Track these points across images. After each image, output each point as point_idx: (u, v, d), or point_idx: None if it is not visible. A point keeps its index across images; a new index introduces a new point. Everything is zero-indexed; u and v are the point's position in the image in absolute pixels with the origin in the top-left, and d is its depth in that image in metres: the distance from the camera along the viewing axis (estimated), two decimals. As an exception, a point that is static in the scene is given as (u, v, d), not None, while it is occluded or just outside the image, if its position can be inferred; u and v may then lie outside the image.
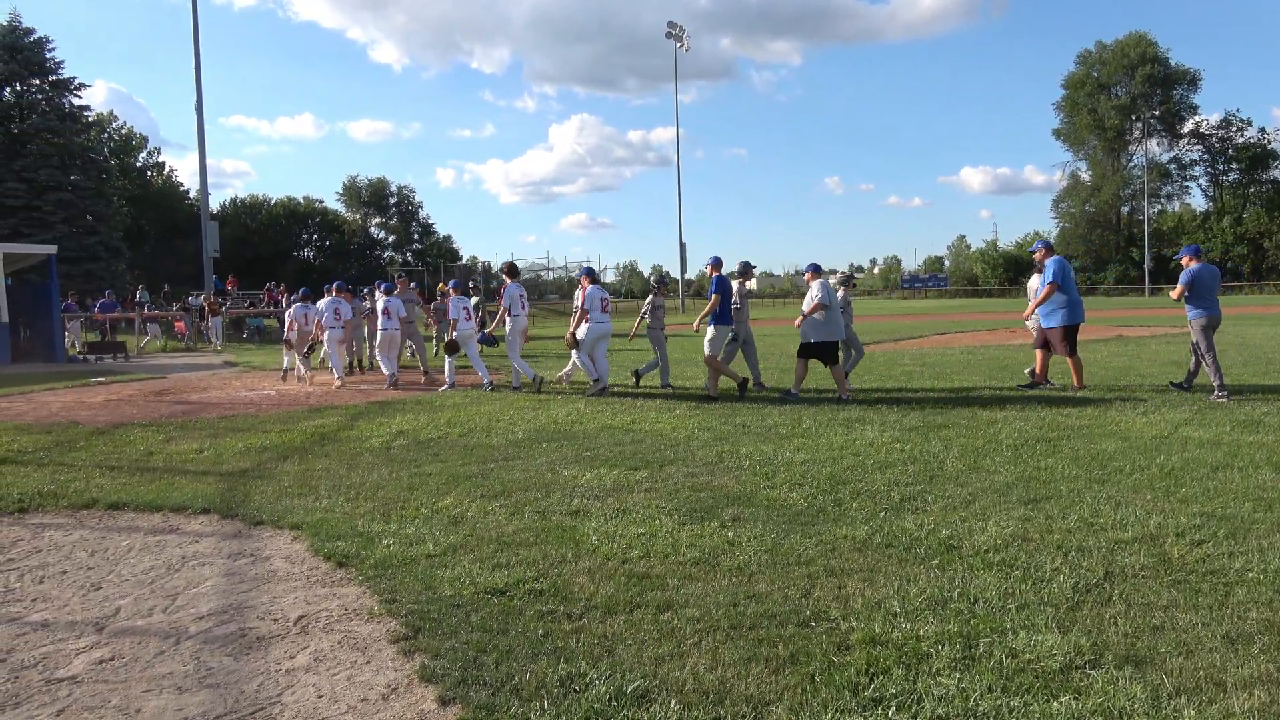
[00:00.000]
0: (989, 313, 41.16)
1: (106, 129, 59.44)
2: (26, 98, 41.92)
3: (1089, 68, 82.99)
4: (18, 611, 4.23)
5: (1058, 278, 10.40)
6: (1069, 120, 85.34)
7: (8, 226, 37.98)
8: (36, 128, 40.63)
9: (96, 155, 46.75)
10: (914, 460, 6.89)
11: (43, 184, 39.87)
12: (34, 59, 41.71)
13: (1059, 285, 10.42)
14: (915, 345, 20.96)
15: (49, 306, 22.62)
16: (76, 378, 16.60)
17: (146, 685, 3.36)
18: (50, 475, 7.21)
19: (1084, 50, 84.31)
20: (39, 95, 42.34)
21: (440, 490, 6.29)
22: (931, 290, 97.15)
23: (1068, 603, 3.82)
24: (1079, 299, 10.76)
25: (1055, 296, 10.47)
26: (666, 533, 5.04)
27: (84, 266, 39.85)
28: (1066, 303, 10.45)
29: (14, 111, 41.20)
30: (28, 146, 40.20)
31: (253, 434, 9.06)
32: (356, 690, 3.25)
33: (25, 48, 41.41)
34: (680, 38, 66.14)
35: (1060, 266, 10.49)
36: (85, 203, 41.76)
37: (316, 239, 75.23)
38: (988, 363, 15.01)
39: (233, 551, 5.10)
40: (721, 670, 3.25)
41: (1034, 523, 5.06)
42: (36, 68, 41.95)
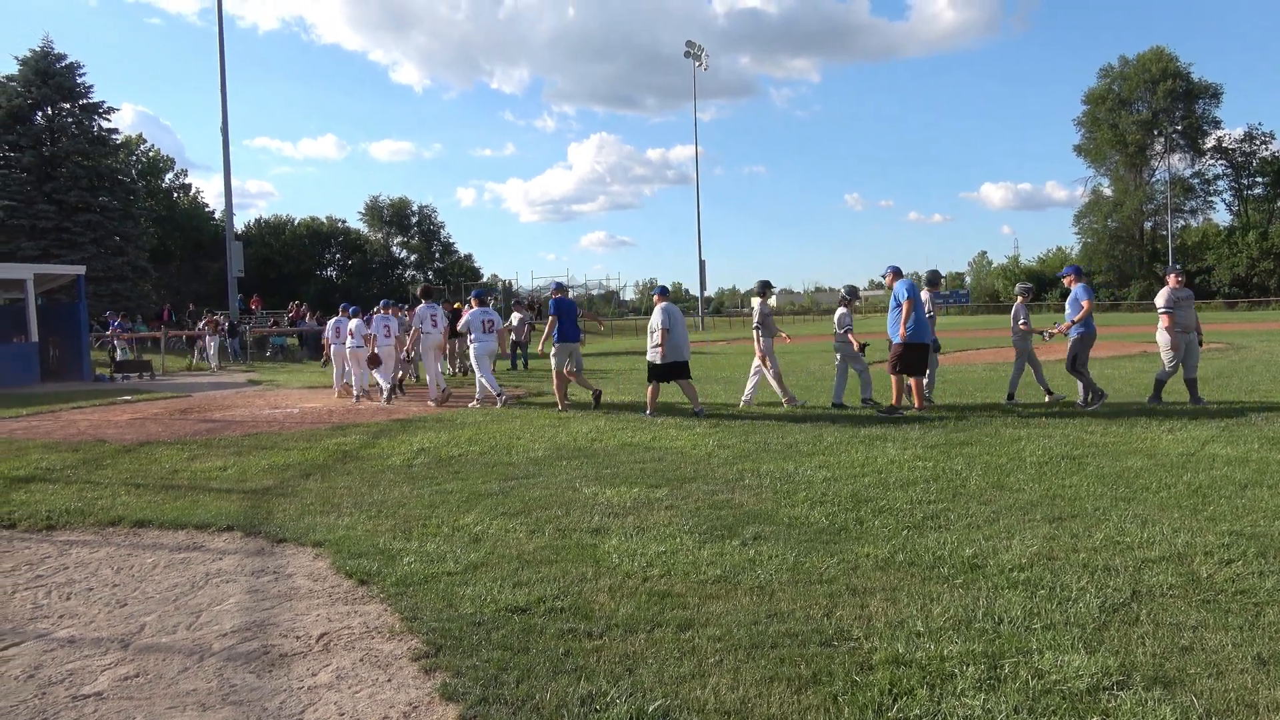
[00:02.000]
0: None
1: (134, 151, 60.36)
2: (57, 121, 42.66)
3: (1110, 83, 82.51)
4: (45, 628, 4.28)
5: (913, 295, 10.37)
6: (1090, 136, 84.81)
7: (38, 248, 38.61)
8: (67, 151, 41.32)
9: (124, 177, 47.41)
10: (936, 478, 6.83)
11: (72, 205, 40.53)
12: (65, 84, 42.48)
13: (914, 303, 10.37)
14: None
15: (77, 326, 22.95)
16: (103, 396, 16.81)
17: (171, 702, 3.39)
18: (77, 493, 7.29)
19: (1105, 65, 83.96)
20: (69, 119, 43.09)
21: (461, 508, 6.30)
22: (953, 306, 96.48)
23: (1094, 623, 3.77)
24: (926, 320, 10.68)
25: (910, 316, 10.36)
26: (687, 551, 5.03)
27: (111, 286, 40.41)
28: (915, 322, 10.34)
29: (45, 135, 41.94)
30: (58, 169, 40.90)
31: (276, 452, 9.13)
32: (378, 708, 3.25)
33: (56, 73, 42.20)
34: (699, 57, 66.50)
35: (910, 287, 10.47)
36: (113, 224, 42.36)
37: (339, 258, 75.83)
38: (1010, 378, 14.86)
39: (256, 569, 5.13)
40: (743, 690, 3.23)
41: (1059, 541, 5.01)
42: (67, 92, 42.71)
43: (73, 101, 43.08)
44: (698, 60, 66.56)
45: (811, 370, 18.34)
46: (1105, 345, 24.47)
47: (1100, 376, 14.21)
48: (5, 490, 7.49)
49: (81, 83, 43.16)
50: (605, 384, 16.51)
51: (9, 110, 40.49)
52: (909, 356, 10.39)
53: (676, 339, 11.34)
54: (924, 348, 10.48)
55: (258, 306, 39.87)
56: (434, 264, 79.18)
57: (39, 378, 20.88)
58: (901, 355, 10.40)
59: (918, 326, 10.33)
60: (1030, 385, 12.00)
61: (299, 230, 72.68)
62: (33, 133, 41.29)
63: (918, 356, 10.43)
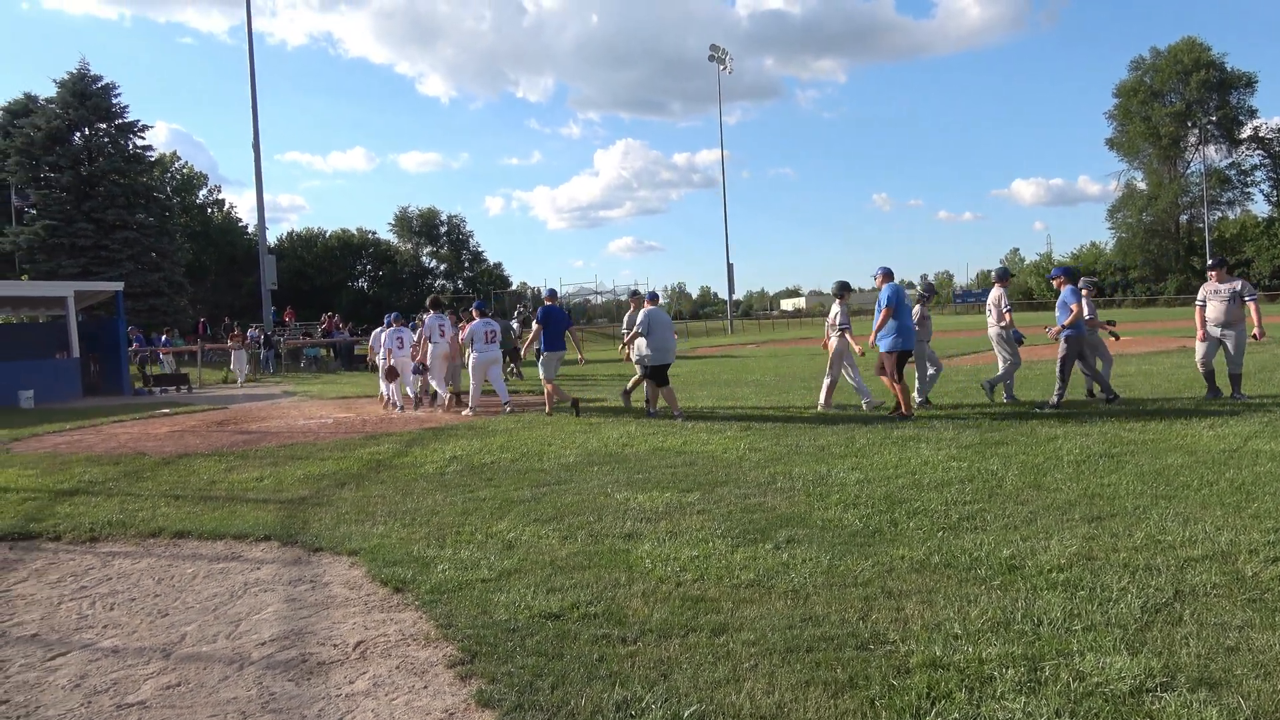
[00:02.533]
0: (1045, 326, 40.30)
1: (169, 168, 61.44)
2: (94, 141, 43.59)
3: (1141, 75, 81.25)
4: (90, 638, 4.36)
5: (893, 303, 10.37)
6: (1122, 129, 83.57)
7: (78, 265, 39.43)
8: (104, 169, 42.19)
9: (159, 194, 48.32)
10: (972, 478, 6.76)
11: (110, 223, 41.36)
12: (101, 104, 43.40)
13: (894, 310, 10.35)
14: (970, 361, 20.59)
15: (116, 341, 23.39)
16: (143, 410, 17.11)
17: (212, 710, 3.43)
18: (119, 505, 7.42)
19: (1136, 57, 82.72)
20: (105, 138, 44.00)
21: (494, 515, 6.33)
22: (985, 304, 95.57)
23: (1136, 623, 3.71)
24: (912, 327, 10.68)
25: (889, 323, 10.39)
26: (720, 555, 5.01)
27: (149, 302, 41.16)
28: (898, 329, 10.38)
29: (83, 155, 42.85)
30: (96, 188, 41.76)
31: (311, 462, 9.24)
32: (415, 715, 3.28)
33: (93, 94, 43.13)
34: (723, 60, 66.50)
35: (895, 292, 10.46)
36: (150, 240, 43.18)
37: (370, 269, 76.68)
38: (1045, 377, 14.67)
39: (293, 578, 5.19)
40: (779, 694, 3.21)
41: (1099, 541, 4.93)
42: (103, 112, 43.63)
43: (109, 121, 44.01)
44: (722, 64, 66.58)
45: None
46: (1143, 341, 24.07)
47: (1138, 372, 14.00)
48: (50, 503, 7.65)
49: (117, 103, 44.08)
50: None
51: (48, 131, 41.42)
52: (903, 363, 10.46)
53: (660, 341, 11.68)
54: (908, 354, 10.63)
55: (291, 318, 40.40)
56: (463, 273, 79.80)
57: (80, 392, 21.30)
58: (899, 364, 10.42)
59: (903, 333, 10.43)
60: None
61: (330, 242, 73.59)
62: (71, 153, 42.21)
63: (903, 362, 10.55)
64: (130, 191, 42.90)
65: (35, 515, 7.17)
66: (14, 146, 41.26)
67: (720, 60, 66.55)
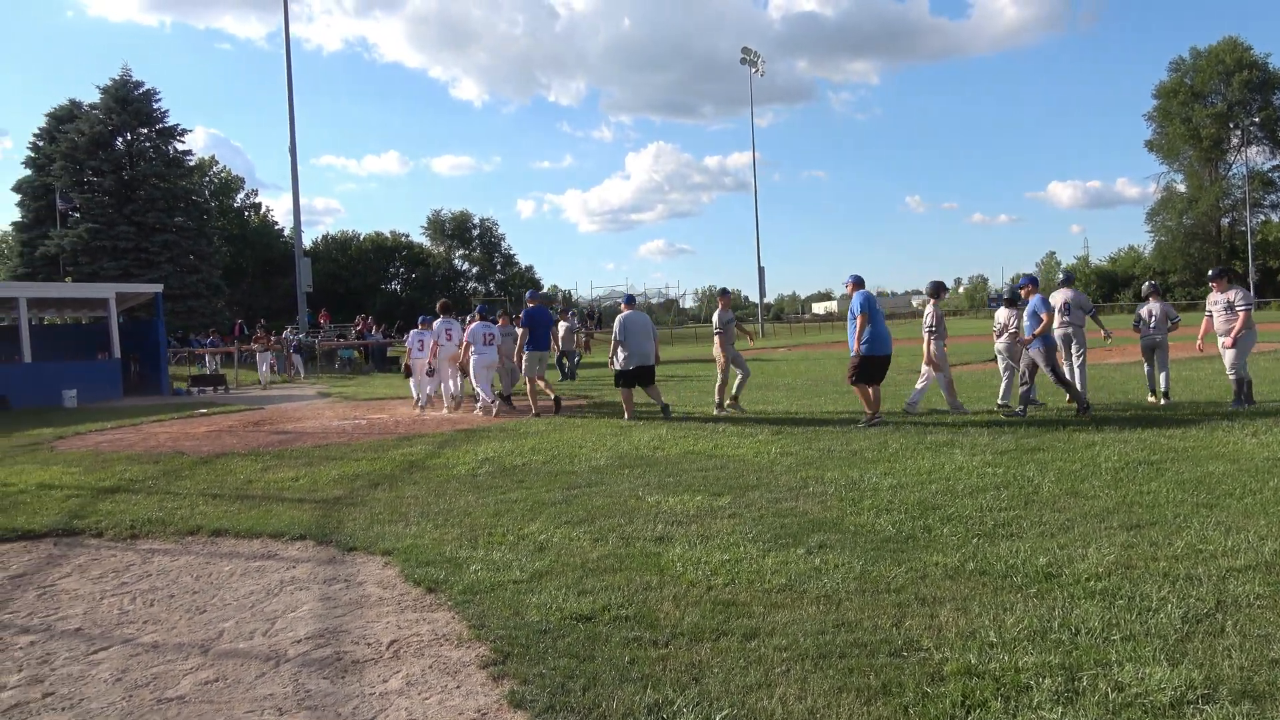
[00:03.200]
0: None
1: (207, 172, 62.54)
2: (135, 146, 44.49)
3: (1182, 76, 79.91)
4: (131, 633, 4.44)
5: (865, 309, 10.41)
6: (1161, 131, 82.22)
7: (119, 267, 40.24)
8: (144, 174, 43.04)
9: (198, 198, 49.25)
10: (1007, 485, 6.68)
11: (150, 226, 42.19)
12: (142, 110, 44.32)
13: (869, 317, 10.40)
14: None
15: (156, 342, 23.83)
16: (181, 409, 17.40)
17: (249, 706, 3.48)
18: (158, 503, 7.56)
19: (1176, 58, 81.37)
20: (146, 143, 44.91)
21: (525, 516, 6.36)
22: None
23: (1177, 634, 3.64)
24: (883, 333, 10.61)
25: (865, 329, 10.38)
26: (751, 559, 5.00)
27: (186, 304, 41.92)
28: (871, 335, 10.38)
29: (124, 159, 43.76)
30: (136, 191, 42.61)
31: (345, 462, 9.34)
32: (448, 715, 3.30)
33: (135, 100, 44.05)
34: (755, 63, 66.40)
35: (867, 300, 10.52)
36: (188, 243, 43.99)
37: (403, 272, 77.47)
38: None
39: (328, 577, 5.25)
40: (811, 700, 3.19)
41: (1138, 550, 4.85)
42: (145, 118, 44.56)
43: (150, 126, 44.94)
44: (754, 66, 66.47)
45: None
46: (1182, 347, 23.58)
47: (1178, 379, 13.75)
48: (93, 500, 7.81)
49: (158, 108, 45.04)
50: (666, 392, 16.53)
51: (91, 137, 42.35)
52: (866, 368, 10.47)
53: (635, 346, 11.95)
54: (883, 359, 10.56)
55: (326, 320, 40.89)
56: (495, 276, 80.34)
57: (121, 392, 21.71)
58: (859, 367, 10.48)
59: (874, 339, 10.41)
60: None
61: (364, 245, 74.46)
62: (113, 157, 43.13)
63: (875, 368, 10.52)
64: (170, 195, 43.76)
65: (78, 512, 7.32)
66: (59, 151, 42.24)
67: (752, 63, 66.45)
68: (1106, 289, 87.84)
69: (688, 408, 13.33)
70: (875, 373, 10.51)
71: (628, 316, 12.15)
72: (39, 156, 44.41)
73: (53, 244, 40.57)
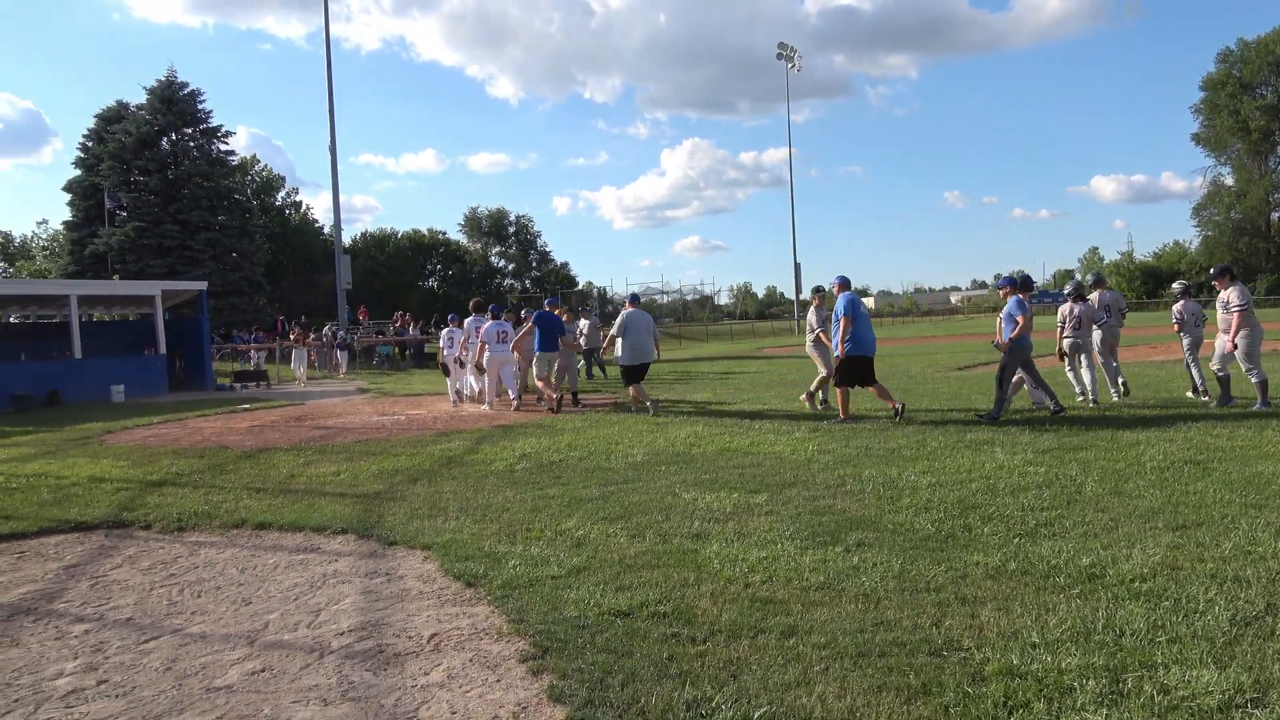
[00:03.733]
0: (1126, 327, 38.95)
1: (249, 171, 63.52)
2: (180, 146, 45.33)
3: (1230, 67, 77.96)
4: (180, 623, 4.55)
5: (850, 312, 10.49)
6: (1209, 123, 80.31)
7: (164, 265, 41.07)
8: (189, 173, 43.86)
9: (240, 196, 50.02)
10: (1049, 484, 6.59)
11: (194, 225, 42.99)
12: (187, 110, 45.16)
13: (853, 319, 10.50)
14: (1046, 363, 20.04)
15: (200, 338, 24.29)
16: (225, 405, 17.73)
17: (295, 696, 3.55)
18: (204, 496, 7.72)
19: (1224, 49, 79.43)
20: (191, 143, 45.75)
21: (563, 512, 6.40)
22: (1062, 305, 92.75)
23: (1224, 636, 3.57)
24: (866, 335, 10.68)
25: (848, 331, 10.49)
26: (789, 557, 4.99)
27: (229, 300, 42.65)
28: (854, 336, 10.51)
29: (170, 159, 44.61)
30: (181, 191, 43.43)
31: (385, 457, 9.46)
32: (488, 708, 3.34)
33: (179, 101, 44.89)
34: (791, 58, 65.98)
35: (851, 302, 10.60)
36: (231, 241, 44.75)
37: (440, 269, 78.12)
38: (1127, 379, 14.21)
39: (369, 570, 5.33)
40: (850, 698, 3.19)
41: (1184, 550, 4.76)
42: (189, 118, 45.40)
43: (194, 126, 45.77)
44: (790, 62, 66.04)
45: (912, 374, 17.93)
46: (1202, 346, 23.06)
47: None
48: (141, 493, 7.99)
49: (202, 108, 45.82)
50: (700, 389, 16.51)
51: (138, 137, 43.23)
52: (848, 368, 10.60)
53: (637, 341, 12.42)
54: (866, 360, 10.62)
55: (365, 317, 41.37)
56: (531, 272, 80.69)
57: (167, 388, 22.17)
58: (842, 367, 10.62)
59: (855, 341, 10.51)
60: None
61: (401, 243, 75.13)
62: (159, 157, 43.98)
63: (859, 369, 10.61)
64: (213, 194, 44.56)
65: (128, 505, 7.50)
66: (107, 151, 43.18)
67: (789, 58, 66.03)
68: (1151, 285, 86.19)
69: (724, 405, 13.30)
70: (860, 373, 10.65)
71: (633, 314, 12.66)
72: (88, 157, 45.44)
73: (101, 242, 41.50)
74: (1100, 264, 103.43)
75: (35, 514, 7.29)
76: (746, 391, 15.56)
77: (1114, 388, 11.38)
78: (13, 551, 6.28)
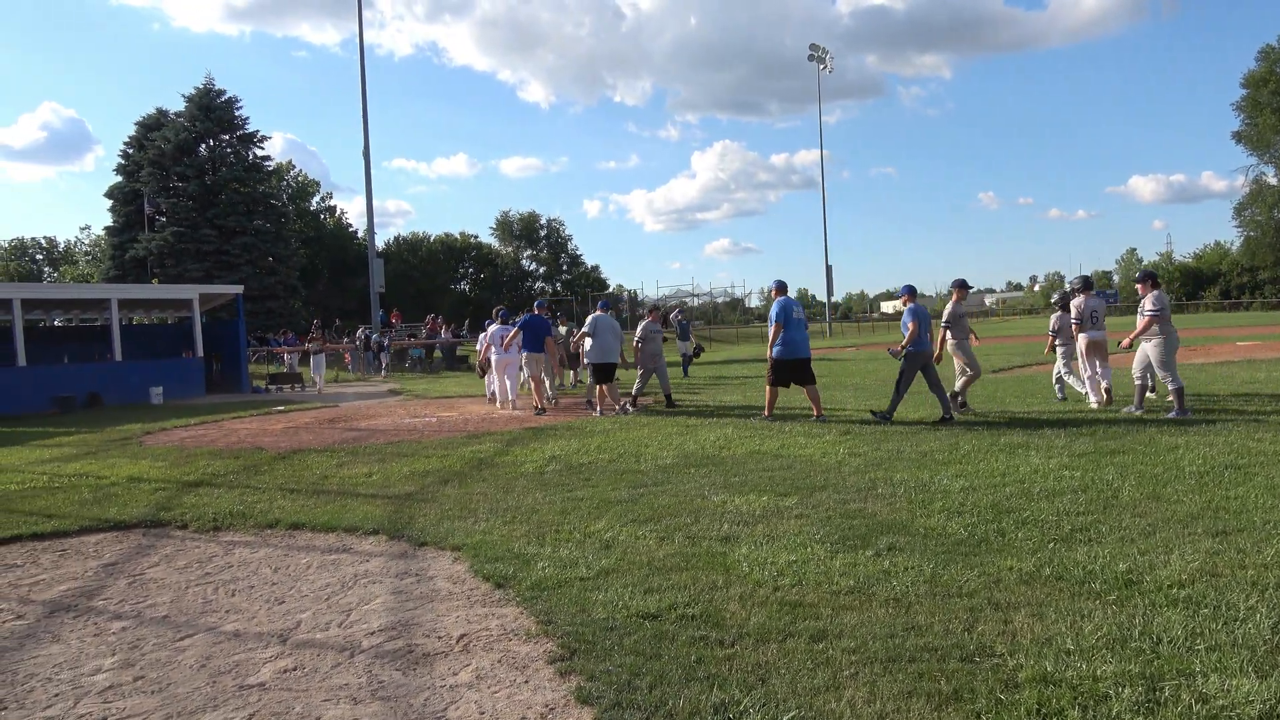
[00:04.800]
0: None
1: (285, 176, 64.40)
2: (218, 152, 46.11)
3: (1272, 64, 76.27)
4: (214, 621, 4.61)
5: (780, 318, 11.29)
6: (1251, 121, 78.55)
7: (201, 269, 41.78)
8: (226, 179, 44.61)
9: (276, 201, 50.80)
10: (1085, 488, 6.48)
11: (231, 229, 43.70)
12: (224, 117, 45.95)
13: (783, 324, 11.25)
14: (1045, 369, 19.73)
15: (236, 341, 24.66)
16: (260, 406, 17.97)
17: (325, 695, 3.59)
18: (239, 497, 7.83)
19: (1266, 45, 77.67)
20: (228, 149, 46.52)
21: (592, 514, 6.41)
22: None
23: (1266, 645, 3.49)
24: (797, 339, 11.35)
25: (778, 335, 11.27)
26: (818, 560, 4.95)
27: (265, 304, 43.28)
28: (784, 340, 11.26)
29: (207, 165, 45.41)
30: (218, 196, 44.17)
31: (416, 459, 9.54)
32: (516, 709, 3.35)
33: (217, 108, 45.68)
34: (823, 59, 65.62)
35: (783, 308, 11.37)
36: (266, 245, 45.43)
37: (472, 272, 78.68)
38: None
39: (400, 571, 5.37)
40: (880, 704, 3.15)
41: (1224, 557, 4.66)
42: (226, 124, 46.19)
43: (231, 133, 46.54)
44: (821, 63, 65.67)
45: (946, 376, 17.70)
46: (1273, 346, 22.60)
47: (1269, 379, 13.18)
48: (178, 494, 8.12)
49: (239, 115, 46.56)
50: (731, 391, 16.46)
51: (177, 144, 44.04)
52: (778, 370, 11.37)
53: (603, 343, 13.23)
54: (796, 363, 11.30)
55: (398, 320, 41.76)
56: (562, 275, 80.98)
57: (204, 390, 22.52)
58: (773, 369, 11.41)
59: (784, 345, 11.24)
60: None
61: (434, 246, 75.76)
62: (197, 163, 44.78)
63: (790, 370, 11.35)
64: (250, 199, 45.27)
65: (165, 504, 7.63)
66: (147, 158, 44.03)
67: (820, 59, 65.68)
68: (1191, 286, 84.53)
69: (755, 408, 13.24)
70: (791, 375, 11.39)
71: (600, 317, 13.63)
72: (129, 163, 46.36)
73: (141, 247, 42.32)
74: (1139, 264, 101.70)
75: (76, 513, 7.44)
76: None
77: (1096, 396, 11.22)
78: (55, 550, 6.41)
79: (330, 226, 68.23)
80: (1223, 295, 79.86)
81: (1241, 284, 79.52)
